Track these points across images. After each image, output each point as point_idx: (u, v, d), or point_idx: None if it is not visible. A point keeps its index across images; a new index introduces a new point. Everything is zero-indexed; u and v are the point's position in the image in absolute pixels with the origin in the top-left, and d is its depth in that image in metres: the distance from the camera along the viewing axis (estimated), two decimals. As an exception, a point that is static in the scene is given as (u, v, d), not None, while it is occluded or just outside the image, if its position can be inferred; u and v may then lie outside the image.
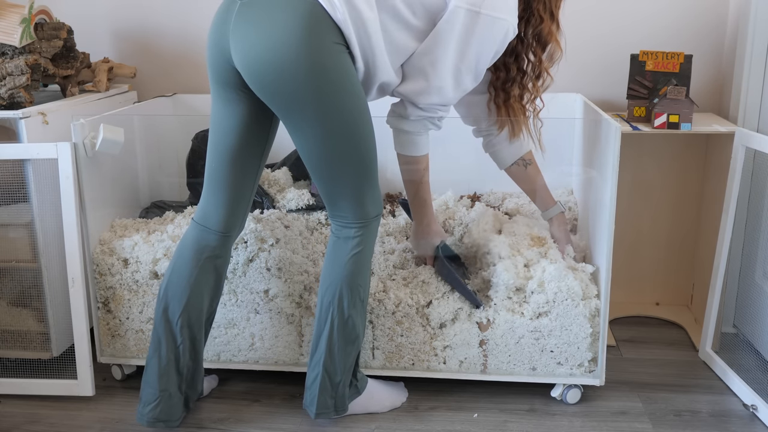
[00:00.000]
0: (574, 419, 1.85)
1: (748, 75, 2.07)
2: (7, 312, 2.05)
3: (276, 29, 1.47)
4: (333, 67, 1.51)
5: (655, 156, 2.38)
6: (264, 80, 1.51)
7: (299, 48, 1.46)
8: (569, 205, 2.23)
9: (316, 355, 1.74)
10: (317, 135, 1.56)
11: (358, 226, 1.68)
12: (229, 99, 1.62)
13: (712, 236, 2.16)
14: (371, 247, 1.73)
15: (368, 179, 1.65)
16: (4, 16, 2.02)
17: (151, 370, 1.76)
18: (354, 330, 1.73)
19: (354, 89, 1.56)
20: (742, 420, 1.84)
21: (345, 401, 1.79)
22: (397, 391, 1.94)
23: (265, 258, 1.92)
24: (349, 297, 1.70)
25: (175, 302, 1.73)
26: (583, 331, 1.84)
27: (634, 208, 2.42)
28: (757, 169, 2.07)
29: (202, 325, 1.79)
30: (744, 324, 2.16)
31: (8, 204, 1.99)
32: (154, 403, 1.75)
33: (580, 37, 2.36)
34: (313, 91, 1.50)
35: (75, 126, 1.89)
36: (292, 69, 1.48)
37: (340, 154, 1.58)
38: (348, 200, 1.65)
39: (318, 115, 1.53)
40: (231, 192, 1.71)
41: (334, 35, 1.50)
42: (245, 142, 1.66)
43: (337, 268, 1.69)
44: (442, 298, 1.87)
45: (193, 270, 1.73)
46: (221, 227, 1.73)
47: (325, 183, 1.64)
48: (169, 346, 1.75)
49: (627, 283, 2.46)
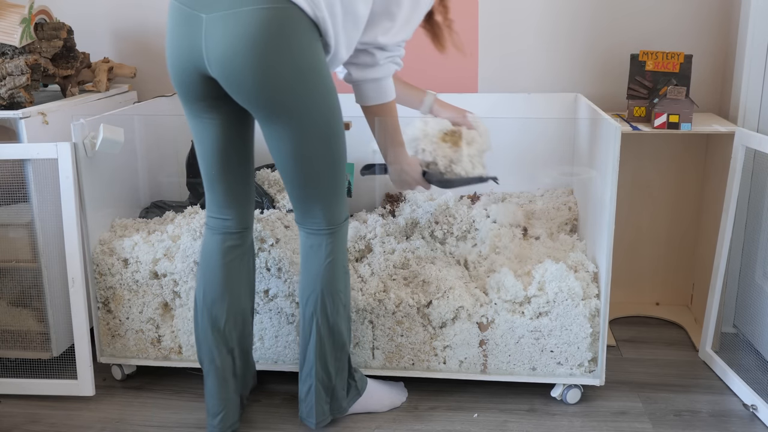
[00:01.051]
0: (574, 419, 1.85)
1: (748, 75, 2.07)
2: (7, 312, 2.05)
3: (255, 39, 1.43)
4: (315, 68, 1.50)
5: (655, 156, 2.38)
6: (246, 90, 1.48)
7: (280, 56, 1.45)
8: (569, 205, 2.23)
9: (306, 366, 1.74)
10: (298, 137, 1.54)
11: (329, 232, 1.67)
12: (204, 112, 1.60)
13: (712, 236, 2.16)
14: (344, 250, 1.73)
15: (340, 182, 1.65)
16: (4, 16, 2.02)
17: (211, 382, 1.76)
18: (341, 336, 1.73)
19: (332, 87, 1.55)
20: (742, 420, 1.84)
21: (341, 403, 1.80)
22: (396, 390, 1.95)
23: (265, 258, 1.92)
24: (330, 305, 1.70)
25: (217, 310, 1.73)
26: (583, 331, 1.84)
27: (634, 208, 2.42)
28: (757, 169, 2.07)
29: (248, 323, 1.81)
30: (744, 324, 2.16)
31: (8, 204, 1.99)
32: (223, 413, 1.76)
33: (580, 37, 2.36)
34: (298, 94, 1.49)
35: (75, 126, 1.89)
36: (276, 76, 1.46)
37: (317, 156, 1.58)
38: (321, 204, 1.64)
39: (301, 117, 1.52)
40: (236, 191, 1.71)
41: (311, 32, 1.49)
42: (231, 147, 1.65)
43: (314, 278, 1.69)
44: (442, 298, 1.87)
45: (226, 274, 1.73)
46: (239, 224, 1.74)
47: (301, 188, 1.63)
48: (222, 354, 1.75)
49: (627, 283, 2.46)
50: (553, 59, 2.38)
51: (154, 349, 2.03)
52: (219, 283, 1.73)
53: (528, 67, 2.40)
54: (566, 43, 2.38)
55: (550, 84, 2.39)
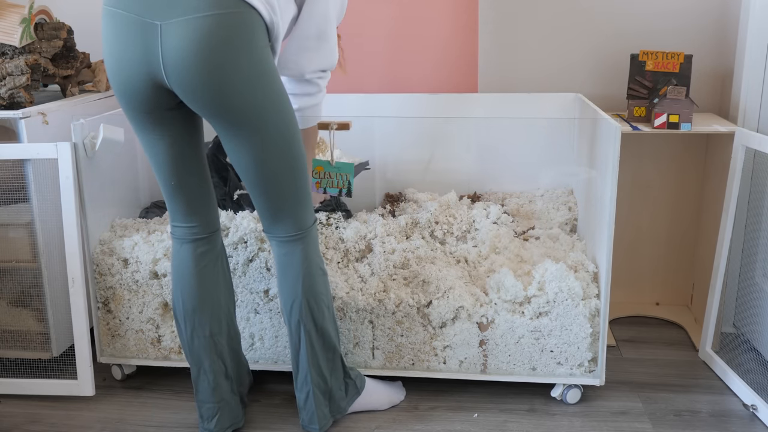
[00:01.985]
0: (574, 419, 1.85)
1: (748, 75, 2.07)
2: (7, 312, 2.05)
3: (213, 45, 1.41)
4: (269, 73, 1.49)
5: (655, 156, 2.38)
6: (208, 98, 1.46)
7: (239, 61, 1.43)
8: (569, 205, 2.23)
9: (300, 374, 1.74)
10: (258, 143, 1.52)
11: (301, 236, 1.66)
12: (153, 125, 1.57)
13: (712, 236, 2.16)
14: (317, 252, 1.72)
15: (304, 185, 1.64)
16: (4, 16, 2.02)
17: (202, 389, 1.77)
18: (330, 338, 1.73)
19: (284, 90, 1.55)
20: (742, 420, 1.84)
21: (339, 403, 1.80)
22: (395, 389, 1.95)
23: (265, 258, 1.92)
24: (315, 309, 1.69)
25: (199, 318, 1.73)
26: (583, 331, 1.84)
27: (634, 208, 2.42)
28: (757, 169, 2.07)
29: (232, 323, 1.80)
30: (744, 324, 2.16)
31: (8, 204, 1.99)
32: (217, 417, 1.77)
33: (580, 37, 2.36)
34: (257, 99, 1.48)
35: (75, 126, 1.89)
36: (236, 82, 1.44)
37: (279, 160, 1.56)
38: (289, 211, 1.63)
39: (259, 123, 1.50)
40: (198, 197, 1.70)
41: (265, 37, 1.48)
42: (185, 157, 1.63)
43: (294, 285, 1.68)
44: (442, 298, 1.87)
45: (201, 281, 1.72)
46: (206, 229, 1.73)
47: (267, 195, 1.61)
48: (212, 359, 1.75)
49: (627, 283, 2.46)
50: (553, 59, 2.38)
51: (154, 349, 2.03)
52: (196, 292, 1.72)
53: (528, 67, 2.40)
54: (566, 43, 2.38)
55: (550, 84, 2.39)
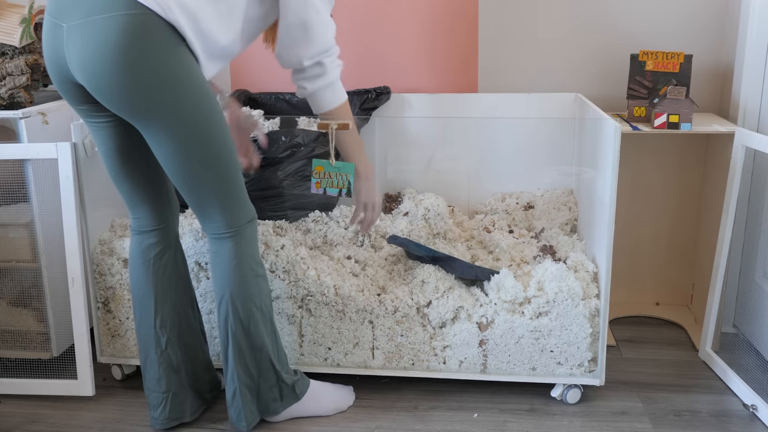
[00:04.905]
0: (574, 419, 1.85)
1: (748, 75, 2.07)
2: (7, 312, 2.05)
3: (112, 46, 1.41)
4: (177, 73, 1.48)
5: (655, 156, 2.38)
6: (112, 97, 1.47)
7: (140, 61, 1.43)
8: (569, 205, 2.23)
9: (228, 371, 1.74)
10: (174, 142, 1.52)
11: (230, 235, 1.66)
12: (93, 114, 1.60)
13: (712, 236, 2.16)
14: (251, 253, 1.70)
15: (232, 183, 1.63)
16: (4, 16, 2.02)
17: (148, 376, 1.80)
18: (258, 338, 1.72)
19: (201, 88, 1.53)
20: (742, 420, 1.84)
21: (269, 404, 1.79)
22: (344, 393, 1.93)
23: (272, 261, 1.92)
24: (241, 308, 1.69)
25: (145, 308, 1.77)
26: (583, 331, 1.84)
27: (634, 208, 2.42)
28: (757, 169, 2.07)
29: (186, 318, 1.81)
30: (744, 324, 2.16)
31: (8, 204, 1.99)
32: (162, 406, 1.79)
33: (580, 37, 2.36)
34: (163, 98, 1.47)
35: (75, 126, 1.89)
36: (137, 82, 1.45)
37: (199, 159, 1.56)
38: (216, 207, 1.63)
39: (170, 122, 1.50)
40: (145, 189, 1.71)
41: (171, 37, 1.47)
42: (130, 145, 1.64)
43: (221, 283, 1.68)
44: (441, 298, 1.87)
45: (146, 272, 1.75)
46: (152, 223, 1.75)
47: (190, 192, 1.61)
48: (157, 350, 1.78)
49: (627, 283, 2.46)
50: (553, 59, 2.38)
51: (154, 349, 2.03)
52: (142, 282, 1.76)
53: (528, 67, 2.40)
54: (566, 43, 2.38)
55: (550, 84, 2.39)
